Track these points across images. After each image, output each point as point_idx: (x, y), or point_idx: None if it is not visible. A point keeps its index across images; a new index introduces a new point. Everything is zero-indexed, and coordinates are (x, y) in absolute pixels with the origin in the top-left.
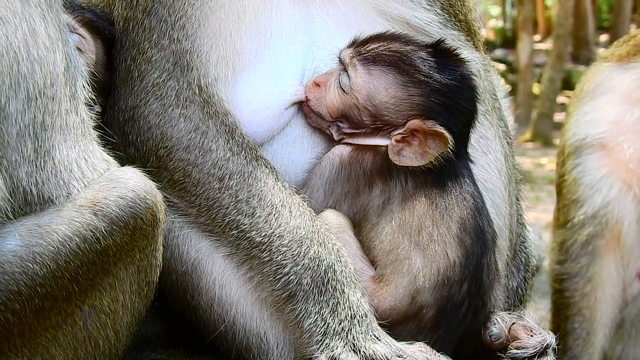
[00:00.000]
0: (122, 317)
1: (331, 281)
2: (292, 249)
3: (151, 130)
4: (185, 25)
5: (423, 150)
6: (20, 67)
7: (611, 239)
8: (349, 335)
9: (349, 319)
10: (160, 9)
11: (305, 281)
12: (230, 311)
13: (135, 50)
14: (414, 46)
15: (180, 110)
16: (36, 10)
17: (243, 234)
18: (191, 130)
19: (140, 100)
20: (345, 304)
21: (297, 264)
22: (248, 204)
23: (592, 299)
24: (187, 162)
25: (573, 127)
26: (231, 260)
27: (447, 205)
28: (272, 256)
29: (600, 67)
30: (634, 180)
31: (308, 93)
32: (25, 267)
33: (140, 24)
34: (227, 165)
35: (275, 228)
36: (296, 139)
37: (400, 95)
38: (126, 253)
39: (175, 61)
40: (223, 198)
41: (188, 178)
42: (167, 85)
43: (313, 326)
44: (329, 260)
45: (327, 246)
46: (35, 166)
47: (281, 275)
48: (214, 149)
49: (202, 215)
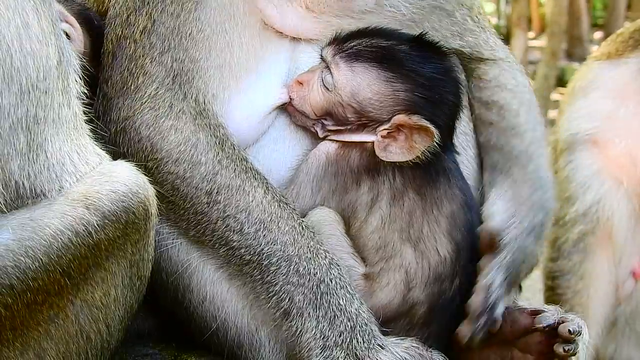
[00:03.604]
0: (114, 311)
1: (325, 295)
2: (281, 267)
3: (142, 141)
4: (189, 49)
5: (409, 145)
6: (13, 61)
7: (603, 236)
8: (350, 346)
9: (349, 330)
10: (163, 29)
11: (297, 298)
12: (222, 309)
13: (133, 64)
14: (395, 41)
15: (172, 121)
16: (29, 4)
17: (232, 251)
18: (181, 142)
19: (134, 112)
20: (343, 315)
21: (287, 281)
22: (236, 220)
23: (585, 297)
24: (175, 175)
25: (565, 123)
26: (223, 273)
27: (436, 200)
28: (262, 275)
29: (591, 65)
30: (625, 176)
31: (291, 92)
32: (17, 260)
33: (138, 41)
34: (215, 179)
35: (263, 246)
36: (278, 137)
37: (384, 91)
38: (118, 247)
39: (175, 77)
40: (212, 213)
41: (176, 192)
42: (163, 97)
43: (312, 340)
44: (320, 274)
45: (317, 260)
46: (28, 159)
47: (273, 294)
48: (203, 162)
49: (192, 229)
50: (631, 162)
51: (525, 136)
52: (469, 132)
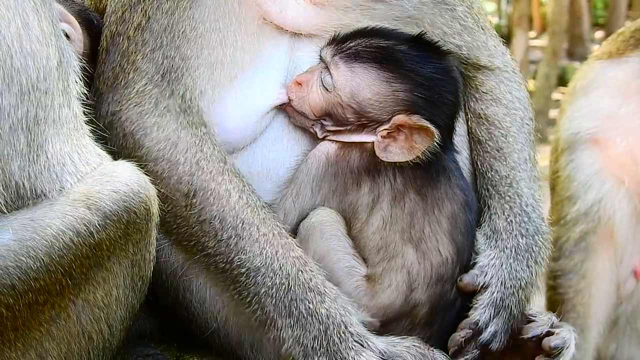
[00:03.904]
0: (115, 311)
1: (294, 302)
2: (249, 278)
3: (126, 137)
4: (181, 46)
5: (409, 145)
6: (14, 61)
7: (604, 236)
8: (329, 349)
9: (322, 334)
10: (156, 26)
11: (268, 309)
12: (222, 309)
13: (125, 60)
14: (395, 41)
15: (156, 118)
16: (29, 4)
17: (209, 258)
18: (162, 140)
19: (120, 107)
20: (314, 318)
21: (257, 292)
22: (211, 225)
23: (586, 296)
24: (155, 174)
25: (567, 122)
26: (209, 277)
27: (437, 200)
28: (235, 285)
29: (592, 64)
30: (626, 175)
31: (290, 93)
32: (19, 261)
33: (131, 37)
34: (191, 180)
35: (235, 254)
36: (277, 138)
37: (384, 91)
38: (120, 247)
39: (164, 74)
40: (190, 217)
41: (157, 192)
42: (150, 94)
43: (292, 349)
44: (288, 283)
45: (285, 269)
46: (28, 160)
47: (247, 304)
48: (181, 161)
49: (174, 234)
50: (632, 161)
51: (509, 159)
52: (463, 134)
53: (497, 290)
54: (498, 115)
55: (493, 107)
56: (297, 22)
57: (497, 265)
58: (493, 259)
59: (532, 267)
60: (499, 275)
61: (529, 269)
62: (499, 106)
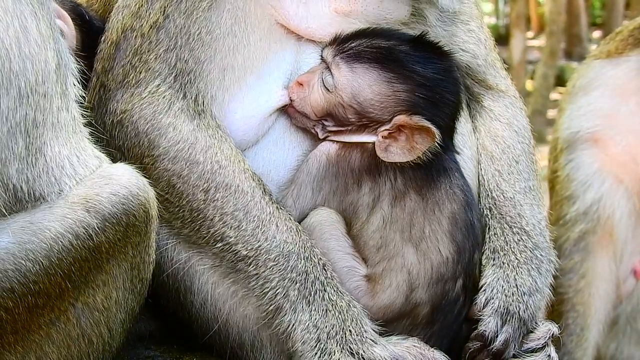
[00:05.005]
0: (115, 314)
1: (319, 292)
2: (279, 263)
3: (139, 136)
4: (195, 49)
5: (410, 146)
6: (12, 65)
7: (604, 235)
8: (343, 339)
9: (340, 322)
10: (173, 25)
11: (292, 293)
12: (223, 310)
13: (137, 58)
14: (396, 41)
15: (171, 119)
16: (27, 8)
17: (228, 246)
18: (179, 140)
19: (132, 106)
20: (335, 308)
21: (284, 277)
22: (234, 217)
23: (586, 295)
24: (172, 172)
25: (566, 121)
26: (214, 273)
27: (438, 200)
28: (258, 270)
29: (591, 64)
30: (626, 175)
31: (292, 94)
32: (18, 264)
33: (146, 35)
34: (213, 177)
35: (262, 242)
36: (278, 139)
37: (385, 92)
38: (119, 250)
39: (177, 76)
40: (208, 210)
41: (172, 189)
42: (163, 94)
43: (306, 333)
44: (316, 273)
45: (313, 260)
46: (27, 163)
47: (268, 289)
48: (201, 161)
49: (186, 227)
50: (632, 161)
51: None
52: (465, 133)
53: (498, 299)
54: (513, 139)
55: (507, 130)
56: (312, 29)
57: (495, 279)
58: (492, 275)
59: (535, 277)
60: (498, 286)
61: (531, 277)
62: (511, 130)
